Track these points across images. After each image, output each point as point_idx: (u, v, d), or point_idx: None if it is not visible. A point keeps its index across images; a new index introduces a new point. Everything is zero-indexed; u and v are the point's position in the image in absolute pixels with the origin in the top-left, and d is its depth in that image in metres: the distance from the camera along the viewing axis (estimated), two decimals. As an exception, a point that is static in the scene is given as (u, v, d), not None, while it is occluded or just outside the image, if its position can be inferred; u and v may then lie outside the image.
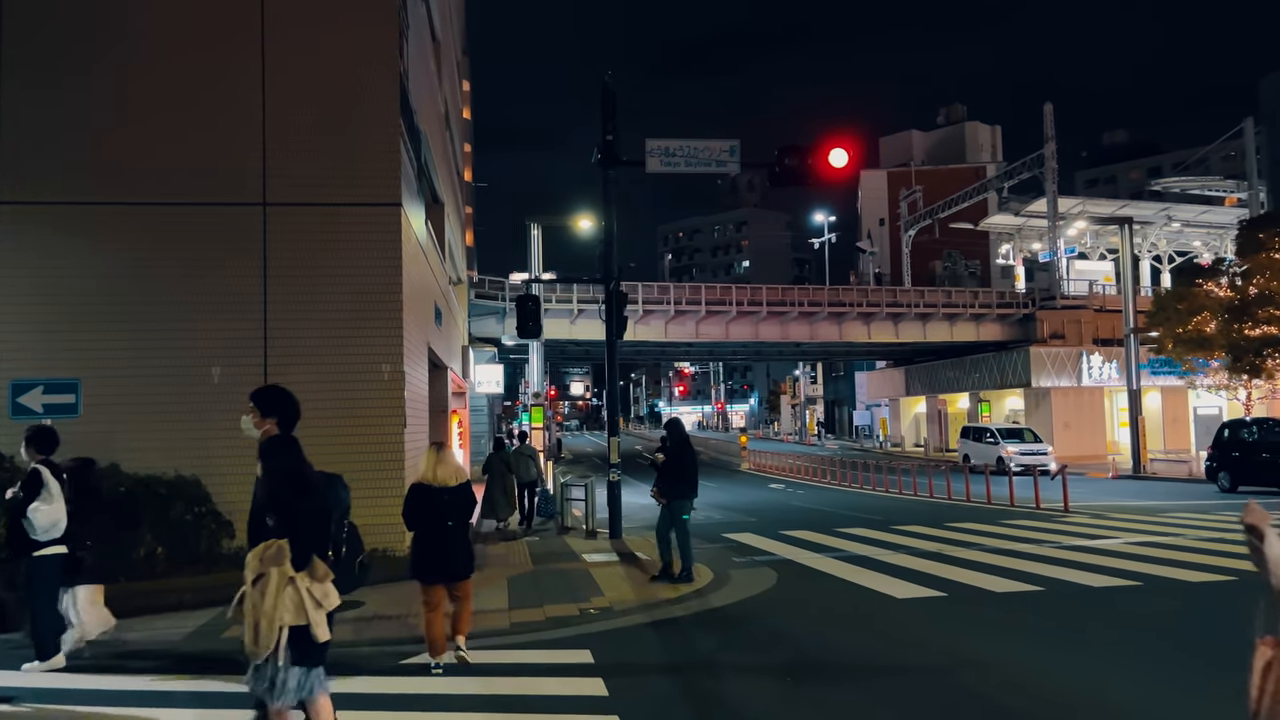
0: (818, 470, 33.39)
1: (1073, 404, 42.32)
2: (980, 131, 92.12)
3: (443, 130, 21.38)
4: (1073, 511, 17.75)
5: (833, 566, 11.50)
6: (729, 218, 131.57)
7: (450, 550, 7.04)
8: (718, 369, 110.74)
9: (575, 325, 38.50)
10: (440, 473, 7.07)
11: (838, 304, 41.29)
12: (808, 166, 15.31)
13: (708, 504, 23.10)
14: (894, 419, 58.94)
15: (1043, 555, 11.84)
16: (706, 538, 15.43)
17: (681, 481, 10.87)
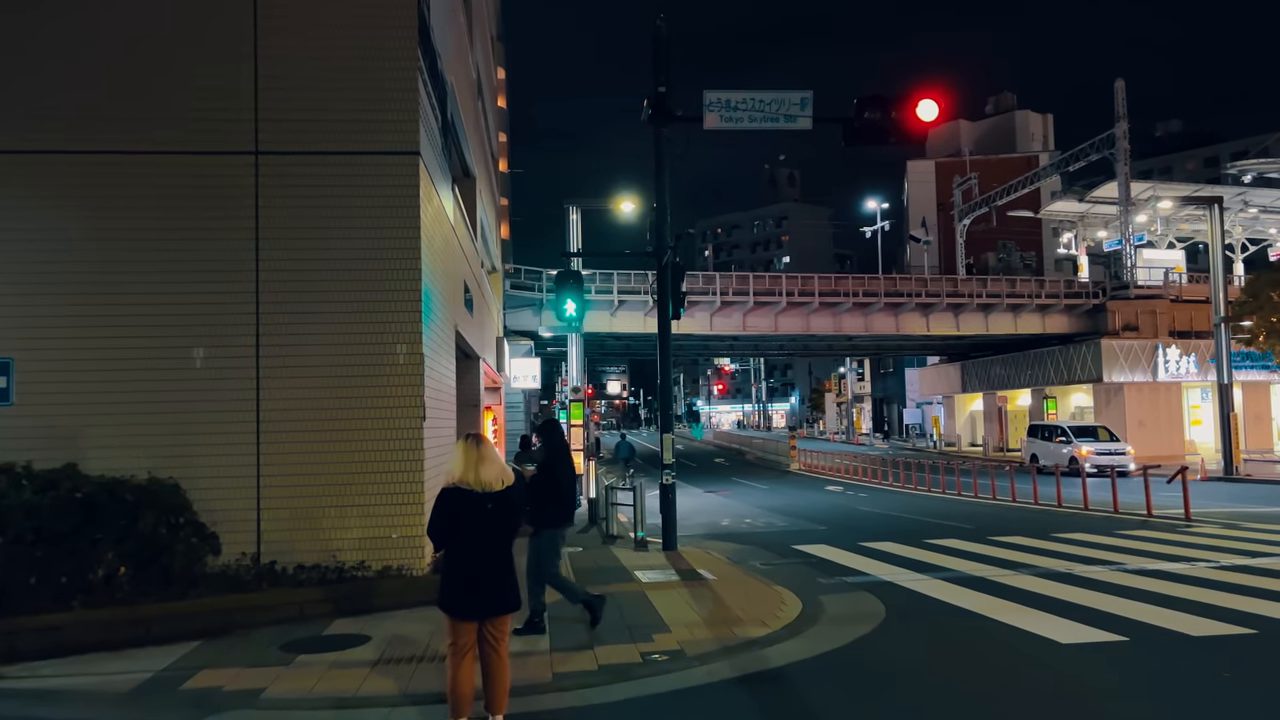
0: (874, 471, 31.13)
1: (1147, 400, 39.57)
2: (1031, 120, 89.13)
3: (474, 99, 19.48)
4: (1197, 520, 15.40)
5: (948, 592, 9.36)
6: (768, 212, 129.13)
7: (492, 575, 5.15)
8: (758, 366, 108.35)
9: (616, 318, 36.51)
10: (483, 473, 5.15)
11: (894, 294, 38.88)
12: (891, 121, 13.23)
13: (765, 508, 21.01)
14: (948, 417, 56.30)
15: (1208, 579, 9.60)
16: (778, 551, 13.35)
17: (556, 505, 8.10)
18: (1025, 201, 56.61)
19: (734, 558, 12.57)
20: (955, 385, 53.44)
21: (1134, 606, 8.20)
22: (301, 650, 7.43)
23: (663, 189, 13.48)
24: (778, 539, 15.21)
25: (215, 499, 9.08)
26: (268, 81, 9.58)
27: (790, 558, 12.55)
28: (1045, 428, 35.27)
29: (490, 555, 5.10)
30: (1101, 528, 14.91)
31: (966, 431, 54.09)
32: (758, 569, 11.49)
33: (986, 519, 17.45)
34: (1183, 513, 16.31)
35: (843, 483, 29.90)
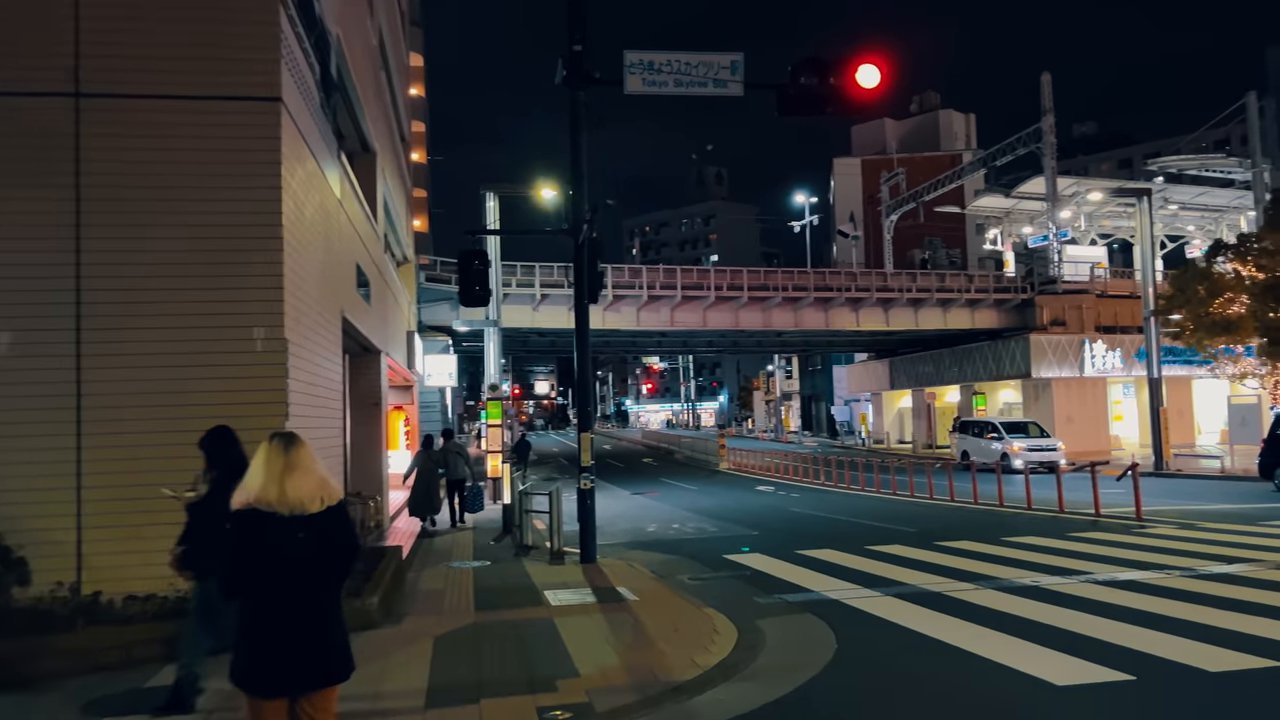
0: (805, 470, 30.12)
1: (1075, 396, 39.44)
2: (955, 120, 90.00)
3: (376, 69, 17.78)
4: (1148, 519, 14.52)
5: (905, 613, 8.09)
6: (696, 211, 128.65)
7: (307, 633, 3.59)
8: (687, 364, 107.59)
9: (539, 313, 34.92)
10: (293, 488, 3.62)
11: (824, 289, 38.00)
12: (829, 88, 12.05)
13: (695, 511, 19.71)
14: (876, 414, 55.93)
15: (1194, 593, 8.50)
16: (708, 561, 12.00)
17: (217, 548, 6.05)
18: (951, 198, 56.53)
19: (660, 571, 11.20)
20: (884, 382, 53.05)
21: (1125, 631, 7.02)
22: (108, 712, 5.83)
23: (579, 159, 12.04)
24: (708, 547, 13.89)
25: (22, 516, 7.40)
26: (91, 9, 7.88)
27: (722, 570, 11.22)
28: (976, 424, 34.73)
29: (304, 606, 3.60)
30: (1052, 529, 13.92)
31: (895, 428, 53.74)
32: (686, 585, 10.14)
33: (928, 521, 16.39)
34: (1132, 511, 15.45)
35: (773, 482, 28.81)
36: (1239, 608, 7.66)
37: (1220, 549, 11.16)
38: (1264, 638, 6.64)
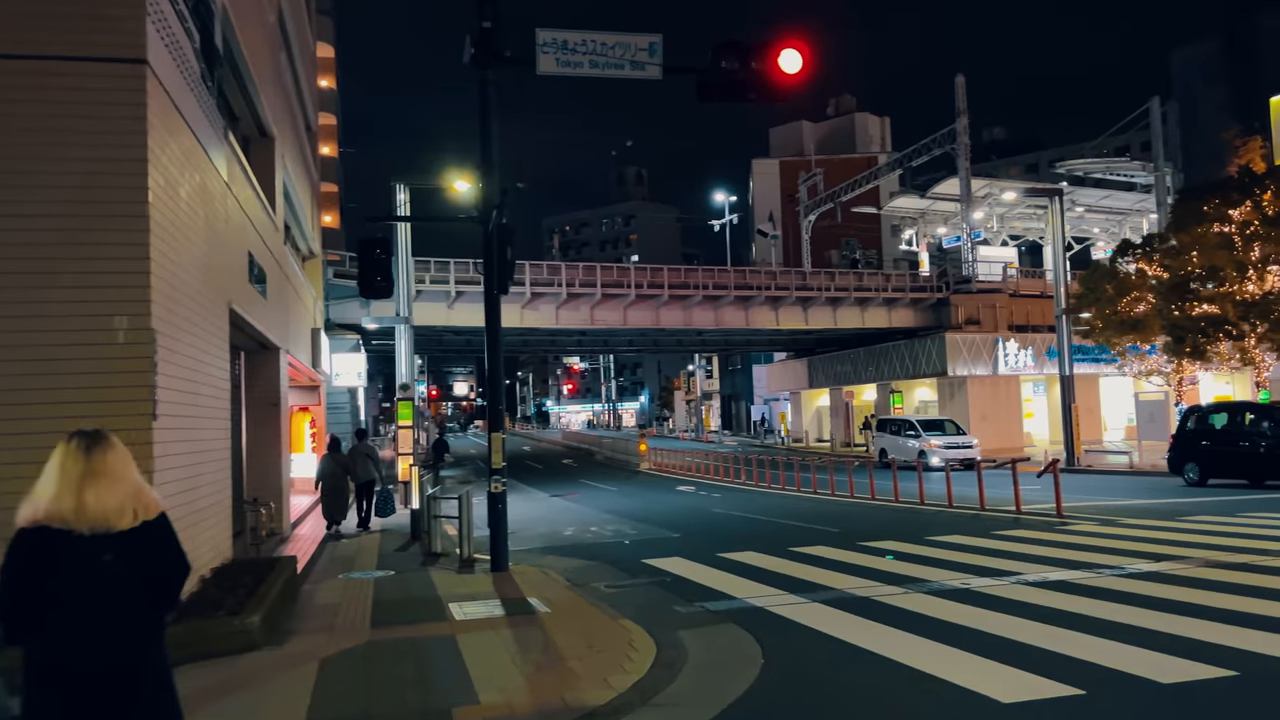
0: (726, 469, 29.79)
1: (989, 393, 40.02)
2: (870, 123, 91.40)
3: (275, 48, 16.73)
4: (1069, 516, 14.42)
5: (834, 621, 7.60)
6: (617, 210, 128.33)
7: (116, 686, 2.85)
8: (608, 364, 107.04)
9: (454, 310, 33.90)
10: (93, 499, 2.87)
11: (744, 287, 37.80)
12: (751, 72, 11.57)
13: (614, 513, 19.11)
14: (795, 413, 56.19)
15: (1130, 594, 8.18)
16: (627, 567, 11.41)
17: None
18: (867, 200, 57.12)
19: (575, 578, 10.57)
20: (802, 381, 53.27)
21: (1066, 639, 6.63)
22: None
23: (489, 143, 11.32)
24: (627, 551, 13.30)
25: None
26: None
27: (641, 576, 10.63)
28: (894, 422, 34.91)
29: (112, 649, 2.87)
30: (975, 528, 13.70)
31: (813, 427, 54.05)
32: (603, 594, 9.52)
33: (850, 520, 16.09)
34: (1052, 508, 15.38)
35: (694, 482, 28.41)
36: (1175, 609, 7.37)
37: (1144, 545, 11.00)
38: (1208, 643, 6.30)
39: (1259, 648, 6.16)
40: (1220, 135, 36.46)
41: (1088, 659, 6.04)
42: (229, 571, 9.56)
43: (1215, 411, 21.39)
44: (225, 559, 10.28)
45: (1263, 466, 19.17)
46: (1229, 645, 6.26)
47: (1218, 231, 26.90)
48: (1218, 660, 5.84)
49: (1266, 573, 8.83)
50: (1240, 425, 20.09)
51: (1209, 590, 8.02)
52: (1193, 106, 39.37)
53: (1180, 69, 39.68)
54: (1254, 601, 7.49)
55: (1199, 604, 7.50)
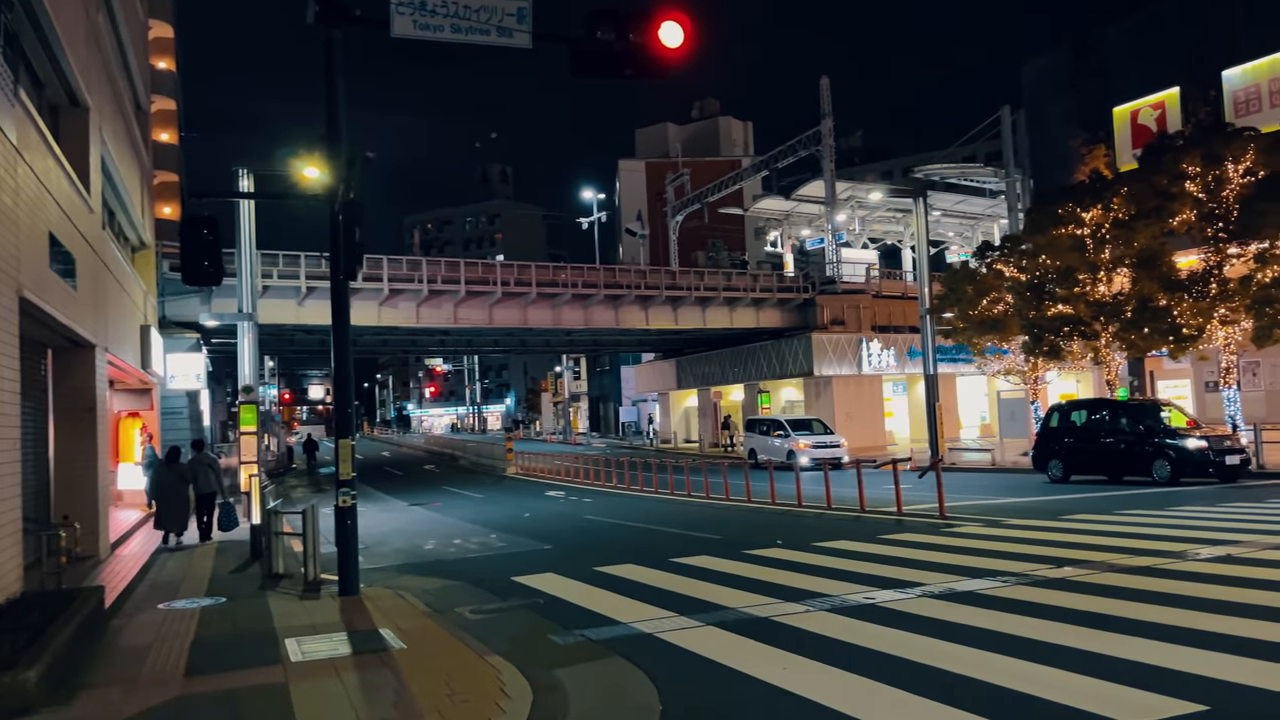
0: (596, 472, 28.86)
1: (853, 393, 40.50)
2: (734, 127, 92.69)
3: (91, 9, 14.77)
4: (952, 517, 14.08)
5: (737, 650, 6.68)
6: (481, 209, 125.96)
7: None
8: (472, 366, 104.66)
9: (305, 308, 31.74)
10: None
11: (614, 286, 36.95)
12: (629, 45, 10.67)
13: (481, 523, 17.88)
14: (663, 414, 55.83)
15: (1048, 606, 7.55)
16: (495, 586, 10.29)
17: None
18: (731, 202, 57.36)
19: (436, 603, 9.38)
20: (671, 382, 52.94)
21: (997, 666, 5.88)
22: None
23: (336, 110, 9.97)
24: (495, 566, 12.15)
25: None
26: None
27: (511, 598, 9.52)
28: (765, 422, 34.78)
29: None
30: (860, 532, 13.17)
31: (681, 428, 53.79)
32: (468, 622, 8.39)
33: (731, 526, 15.38)
34: (931, 508, 15.10)
35: (564, 486, 27.35)
36: (1104, 624, 6.76)
37: (1039, 549, 10.61)
38: (1162, 667, 5.65)
39: (1225, 674, 5.54)
40: (1068, 144, 37.76)
41: (1029, 692, 5.31)
42: (13, 610, 7.96)
43: (1077, 409, 21.81)
44: (11, 594, 8.63)
45: (1123, 463, 19.56)
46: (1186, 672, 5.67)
47: (1071, 234, 27.67)
48: (1182, 692, 5.19)
49: (1173, 577, 8.46)
50: (1102, 422, 20.50)
51: (1131, 600, 7.50)
52: (1041, 116, 40.89)
53: (1030, 80, 41.12)
54: (1186, 614, 6.97)
55: (1125, 617, 6.95)
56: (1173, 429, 18.87)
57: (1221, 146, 23.31)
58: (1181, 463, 18.30)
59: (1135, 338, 25.21)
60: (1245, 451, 18.78)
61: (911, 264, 53.79)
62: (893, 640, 6.61)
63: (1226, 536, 10.55)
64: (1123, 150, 35.79)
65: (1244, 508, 13.77)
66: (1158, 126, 35.01)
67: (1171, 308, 23.75)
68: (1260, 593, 7.47)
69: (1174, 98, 34.34)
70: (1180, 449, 18.36)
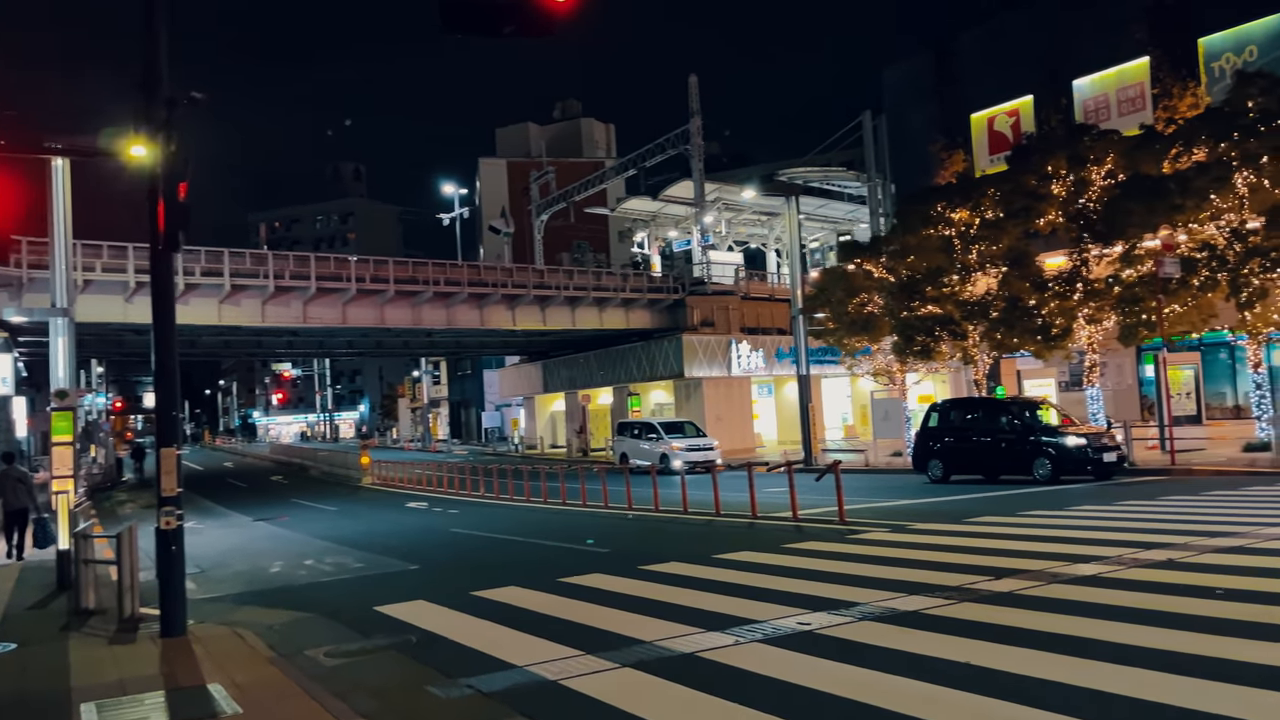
0: (461, 481, 27.14)
1: (723, 395, 40.00)
2: (596, 128, 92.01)
3: None
4: (854, 523, 13.25)
5: (671, 706, 5.39)
6: (333, 208, 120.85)
7: None
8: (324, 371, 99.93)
9: (133, 305, 28.71)
10: None
11: (480, 284, 35.18)
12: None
13: (335, 539, 16.06)
14: (529, 419, 54.17)
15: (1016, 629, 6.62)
16: (355, 618, 8.71)
17: None
18: (597, 202, 56.33)
19: (284, 643, 7.76)
20: (537, 385, 51.37)
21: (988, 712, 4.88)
22: None
23: (156, 48, 8.18)
24: (355, 592, 10.51)
25: None
26: None
27: (377, 634, 7.97)
28: (635, 425, 33.80)
29: None
30: (760, 541, 12.15)
31: (548, 433, 52.28)
32: (324, 669, 6.83)
33: (616, 536, 14.15)
34: (825, 513, 14.31)
35: (426, 497, 25.53)
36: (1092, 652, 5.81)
37: (963, 556, 9.79)
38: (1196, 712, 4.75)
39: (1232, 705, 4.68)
40: (928, 149, 38.42)
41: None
42: None
43: (956, 408, 21.65)
44: None
45: (1003, 462, 19.37)
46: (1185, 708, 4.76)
47: (939, 234, 27.80)
48: None
49: (1127, 588, 7.70)
50: (981, 421, 20.31)
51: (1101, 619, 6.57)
52: (904, 121, 41.52)
53: (892, 85, 41.74)
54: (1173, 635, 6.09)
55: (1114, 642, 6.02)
56: (1053, 427, 18.80)
57: (1086, 149, 23.70)
58: (1062, 461, 18.20)
59: (1003, 337, 25.41)
60: (1120, 448, 18.88)
61: (776, 266, 54.14)
62: (854, 681, 5.48)
63: (1152, 539, 10.01)
64: (980, 155, 36.57)
65: (1141, 505, 13.50)
66: (1013, 133, 35.92)
67: (1040, 306, 24.00)
68: (1239, 606, 6.75)
69: (1028, 105, 35.25)
70: (1061, 447, 18.26)
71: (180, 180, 7.42)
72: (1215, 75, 29.65)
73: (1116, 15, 32.01)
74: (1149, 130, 24.79)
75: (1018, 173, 25.40)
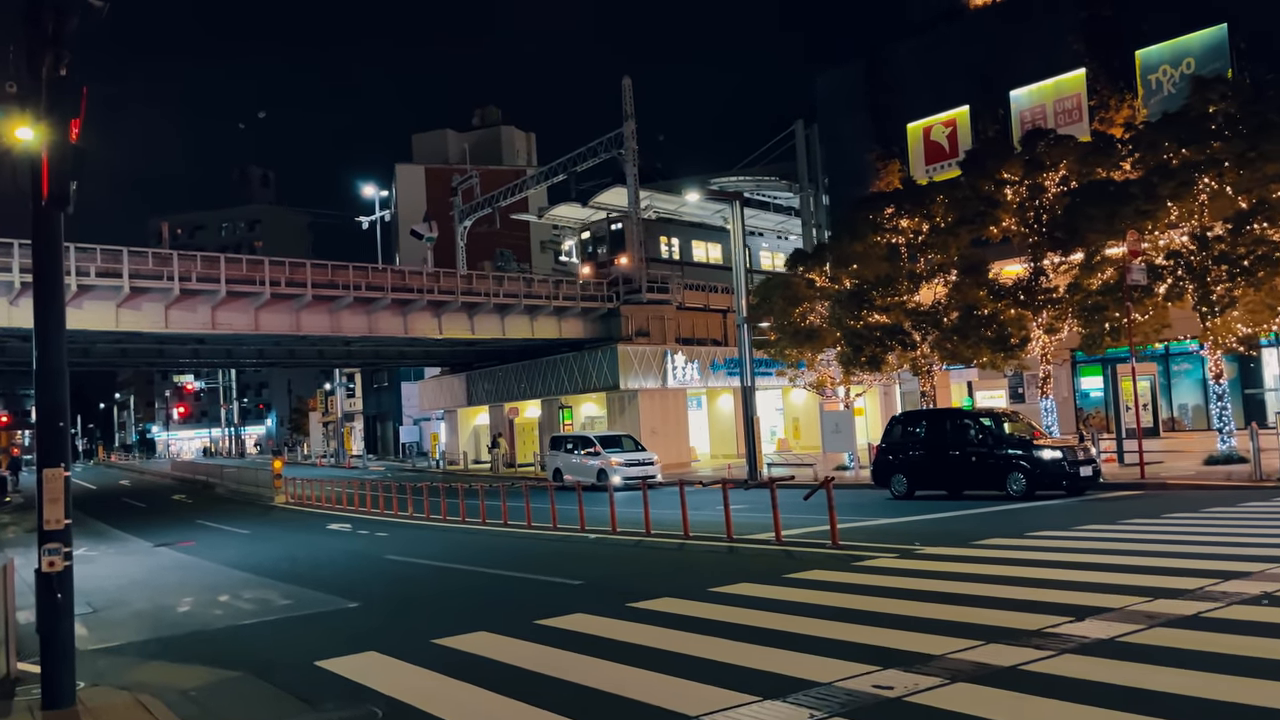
0: (386, 500, 25.12)
1: (658, 407, 38.64)
2: (516, 136, 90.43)
3: None
4: (849, 547, 11.94)
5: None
6: (239, 214, 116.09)
7: None
8: (229, 384, 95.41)
9: (18, 308, 25.97)
10: None
11: (404, 289, 33.12)
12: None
13: (252, 569, 14.09)
14: (450, 433, 51.95)
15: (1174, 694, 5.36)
16: (292, 682, 6.96)
17: None
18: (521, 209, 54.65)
19: (204, 717, 6.03)
20: (459, 398, 49.24)
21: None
22: None
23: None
24: (285, 638, 8.76)
25: None
26: None
27: (326, 704, 6.29)
28: (570, 439, 32.16)
29: None
30: (753, 570, 10.76)
31: (471, 448, 50.14)
32: (262, 762, 5.16)
33: (582, 564, 12.60)
34: (815, 535, 13.03)
35: (349, 517, 23.47)
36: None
37: (1008, 589, 8.54)
38: None
39: None
40: (863, 158, 37.90)
41: None
42: None
43: (920, 420, 20.63)
44: None
45: (972, 476, 18.43)
46: None
47: (886, 242, 27.03)
48: None
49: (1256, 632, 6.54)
50: (948, 434, 19.31)
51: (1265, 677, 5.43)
52: (836, 131, 40.97)
53: (824, 94, 41.19)
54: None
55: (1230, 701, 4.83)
56: (1026, 440, 17.90)
57: (1043, 154, 23.15)
58: (1038, 475, 17.31)
59: (955, 346, 24.67)
60: (1096, 462, 18.11)
61: (733, 267, 53.09)
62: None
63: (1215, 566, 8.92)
64: (916, 165, 36.12)
65: (1149, 525, 12.57)
66: (949, 143, 35.63)
67: (997, 315, 23.31)
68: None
69: (964, 116, 34.93)
70: (1037, 461, 17.37)
71: (72, 116, 5.69)
72: (1152, 87, 29.70)
73: (1053, 27, 31.88)
74: (1104, 136, 24.38)
75: (972, 178, 24.75)
